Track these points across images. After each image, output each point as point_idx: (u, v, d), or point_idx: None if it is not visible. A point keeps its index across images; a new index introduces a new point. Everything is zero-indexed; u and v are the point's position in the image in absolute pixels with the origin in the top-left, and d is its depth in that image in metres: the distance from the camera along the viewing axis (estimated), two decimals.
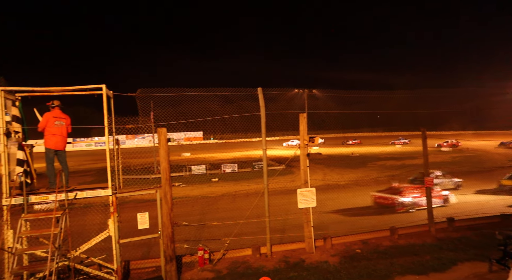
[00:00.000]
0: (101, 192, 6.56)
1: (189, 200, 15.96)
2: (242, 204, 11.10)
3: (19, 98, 6.80)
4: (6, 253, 5.86)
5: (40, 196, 6.33)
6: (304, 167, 8.29)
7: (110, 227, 6.56)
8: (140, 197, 13.89)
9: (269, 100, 8.85)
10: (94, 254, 7.11)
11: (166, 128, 7.09)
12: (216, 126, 11.22)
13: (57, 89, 6.63)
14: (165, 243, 6.91)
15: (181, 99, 8.88)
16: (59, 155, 6.77)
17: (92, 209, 9.37)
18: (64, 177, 6.53)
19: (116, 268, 6.55)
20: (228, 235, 8.16)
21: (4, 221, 6.06)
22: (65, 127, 6.79)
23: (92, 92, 6.69)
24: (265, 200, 8.21)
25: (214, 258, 7.87)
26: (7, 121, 6.37)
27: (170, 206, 6.92)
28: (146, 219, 7.16)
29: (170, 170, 7.02)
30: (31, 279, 6.43)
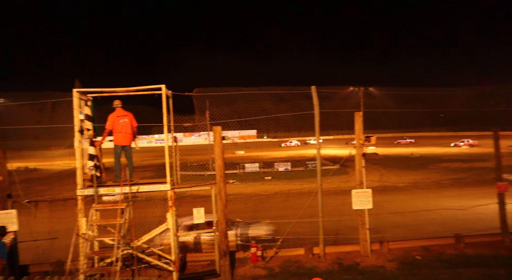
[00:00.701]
0: (161, 186, 6.94)
1: (243, 197, 16.23)
2: (295, 203, 11.03)
3: (91, 98, 7.43)
4: (81, 239, 6.45)
5: (108, 188, 6.88)
6: (360, 167, 8.01)
7: (168, 220, 6.91)
8: (196, 192, 14.41)
9: (323, 99, 8.69)
10: (154, 244, 7.54)
11: (221, 127, 7.27)
12: (270, 125, 11.27)
13: (122, 89, 7.14)
14: (219, 238, 7.11)
15: (236, 98, 9.06)
16: (126, 151, 7.27)
17: (152, 202, 9.95)
18: (129, 171, 7.00)
19: (174, 259, 6.88)
20: (281, 233, 8.17)
21: (79, 209, 6.69)
22: (129, 124, 7.27)
23: (153, 92, 7.10)
24: (319, 200, 8.08)
25: (266, 256, 7.93)
26: (80, 120, 7.01)
27: (224, 202, 7.10)
28: (201, 214, 7.43)
29: (224, 167, 7.20)
30: (100, 263, 7.01)
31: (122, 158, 7.27)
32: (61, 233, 8.35)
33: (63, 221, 9.00)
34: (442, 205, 11.94)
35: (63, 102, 8.35)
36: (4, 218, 7.06)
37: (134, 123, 7.38)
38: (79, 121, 6.97)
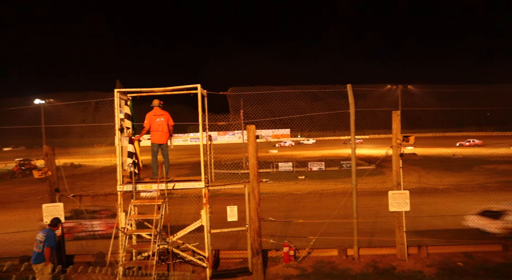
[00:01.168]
0: (195, 184, 7.09)
1: (276, 196, 16.23)
2: (329, 203, 10.86)
3: (130, 98, 7.73)
4: (120, 232, 6.75)
5: (145, 184, 7.14)
6: (397, 167, 7.74)
7: (202, 217, 7.05)
8: (229, 190, 14.59)
9: (359, 97, 8.49)
10: (189, 241, 7.73)
11: (255, 126, 7.31)
12: (304, 124, 11.14)
13: (160, 89, 7.37)
14: (252, 237, 7.15)
15: (270, 97, 9.06)
16: (162, 149, 7.51)
17: (187, 199, 10.19)
18: (165, 169, 7.22)
19: (207, 255, 7.02)
20: (314, 233, 8.08)
21: (118, 204, 7.00)
22: (165, 123, 7.49)
23: (189, 92, 7.27)
24: (353, 201, 7.91)
25: (299, 256, 7.88)
26: (121, 119, 7.32)
27: (257, 200, 7.13)
28: (235, 212, 7.51)
29: (258, 166, 7.23)
30: (138, 257, 7.30)
31: (158, 155, 7.51)
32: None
33: None
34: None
35: (105, 101, 8.77)
36: (53, 210, 7.55)
37: (170, 122, 7.59)
38: (120, 120, 7.28)
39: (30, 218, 8.68)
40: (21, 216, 9.96)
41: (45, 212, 7.55)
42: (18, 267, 7.35)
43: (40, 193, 8.43)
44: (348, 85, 8.13)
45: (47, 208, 7.59)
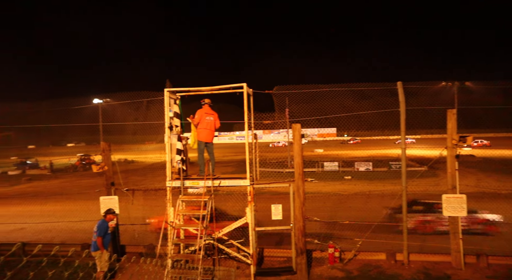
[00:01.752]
0: (241, 182, 7.19)
1: (321, 196, 15.97)
2: (376, 204, 10.49)
3: (179, 97, 8.02)
4: (169, 226, 7.05)
5: (193, 181, 7.37)
6: (452, 170, 7.25)
7: (247, 214, 7.13)
8: (274, 189, 14.60)
9: (410, 95, 8.07)
10: (234, 237, 7.87)
11: (300, 124, 7.25)
12: (351, 123, 10.86)
13: (207, 89, 7.56)
14: (297, 236, 7.10)
15: (316, 95, 8.93)
16: (208, 147, 7.70)
17: (232, 197, 10.36)
18: (211, 166, 7.41)
19: (252, 252, 7.09)
20: (360, 235, 7.84)
21: (167, 199, 7.31)
22: (213, 122, 7.67)
23: (235, 91, 7.37)
24: (403, 203, 7.55)
25: (344, 258, 7.70)
26: (170, 117, 7.62)
27: (302, 200, 7.07)
28: (279, 211, 7.51)
29: (303, 165, 7.16)
30: (185, 250, 7.57)
31: (205, 153, 7.72)
32: None
33: (154, 208, 9.94)
34: None
35: (156, 100, 9.19)
36: (108, 202, 8.07)
37: (217, 123, 7.76)
38: (169, 119, 7.58)
39: (90, 209, 9.35)
40: (82, 206, 10.77)
41: (102, 204, 8.09)
42: (80, 253, 7.98)
43: (98, 186, 9.06)
44: (399, 83, 7.77)
45: (103, 200, 8.13)
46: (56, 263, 6.89)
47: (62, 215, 11.34)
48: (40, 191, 21.21)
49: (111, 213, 7.21)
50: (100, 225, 6.89)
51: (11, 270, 2.23)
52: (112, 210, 7.27)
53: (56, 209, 12.19)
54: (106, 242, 6.90)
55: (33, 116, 13.00)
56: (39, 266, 4.18)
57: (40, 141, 42.41)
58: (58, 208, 12.21)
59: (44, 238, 10.16)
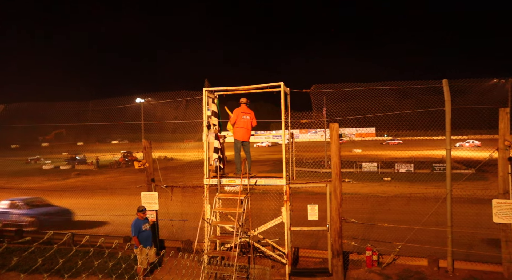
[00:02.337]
0: (277, 181, 7.18)
1: (359, 197, 15.59)
2: (418, 208, 10.04)
3: (217, 96, 8.16)
4: (206, 223, 7.20)
5: (229, 179, 7.47)
6: (504, 173, 6.77)
7: (283, 214, 7.12)
8: (310, 189, 14.43)
9: (457, 93, 7.64)
10: (269, 236, 7.88)
11: (338, 124, 7.11)
12: (391, 123, 10.48)
13: (244, 88, 7.62)
14: (333, 237, 6.99)
15: (354, 94, 8.72)
16: (245, 145, 7.77)
17: (268, 196, 10.38)
18: (248, 165, 7.46)
19: (287, 252, 7.07)
20: (400, 239, 7.55)
21: (204, 197, 7.47)
22: (250, 121, 7.73)
23: (272, 90, 7.37)
24: (447, 207, 7.17)
25: (382, 261, 7.46)
26: (208, 116, 7.78)
27: (339, 201, 6.94)
28: (315, 211, 7.42)
29: (340, 165, 7.02)
30: (221, 247, 7.69)
31: (241, 152, 7.80)
32: (190, 216, 9.48)
33: (192, 205, 10.18)
34: None
35: (194, 100, 9.42)
36: (149, 198, 8.40)
37: (254, 122, 7.80)
38: (207, 117, 7.74)
39: (132, 204, 9.76)
40: (125, 201, 11.28)
41: (143, 199, 8.43)
42: (123, 245, 8.37)
43: (139, 182, 9.45)
44: (444, 81, 7.39)
45: (144, 196, 8.47)
46: (101, 254, 7.28)
47: (106, 208, 11.96)
48: (87, 185, 22.53)
49: (140, 210, 7.34)
50: (133, 225, 7.10)
51: (62, 258, 2.43)
52: (141, 208, 7.42)
53: (101, 203, 12.87)
54: (143, 239, 7.06)
55: (82, 115, 13.83)
56: (86, 256, 4.49)
57: (88, 138, 44.88)
58: (103, 202, 12.88)
59: (90, 230, 10.77)
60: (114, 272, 6.69)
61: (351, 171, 25.42)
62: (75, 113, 14.10)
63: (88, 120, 13.54)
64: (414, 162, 25.84)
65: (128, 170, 31.10)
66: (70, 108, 13.86)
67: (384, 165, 26.41)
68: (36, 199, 12.84)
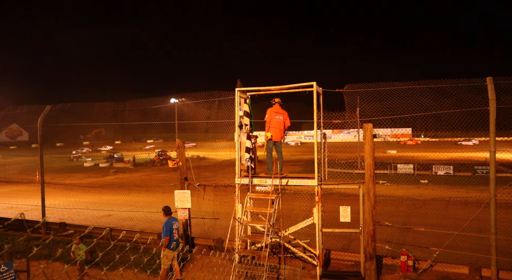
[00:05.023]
0: (308, 181, 7.11)
1: (393, 199, 15.08)
2: (458, 212, 9.56)
3: (249, 96, 8.20)
4: (237, 222, 7.27)
5: (260, 179, 7.49)
6: None
7: (314, 215, 7.04)
8: (342, 190, 14.17)
9: (502, 92, 7.20)
10: (300, 237, 7.82)
11: (372, 124, 6.94)
12: (429, 123, 10.06)
13: (276, 88, 7.61)
14: (366, 240, 6.82)
15: (389, 94, 8.45)
16: (277, 145, 7.76)
17: (299, 196, 10.31)
18: (279, 165, 7.45)
19: (318, 254, 6.98)
20: (437, 245, 7.23)
21: (236, 196, 7.54)
22: (283, 122, 7.71)
23: (304, 89, 7.31)
24: (491, 213, 6.77)
25: (418, 267, 7.18)
26: (240, 116, 7.84)
27: (372, 203, 6.76)
28: (348, 213, 7.27)
29: (374, 166, 6.84)
30: (252, 247, 7.73)
31: (273, 152, 7.79)
32: (221, 215, 9.61)
33: (223, 204, 10.32)
34: None
35: (227, 100, 9.53)
36: (182, 196, 8.59)
37: (287, 122, 7.78)
38: (239, 117, 7.80)
39: (166, 201, 10.01)
40: (159, 198, 11.62)
41: (176, 197, 8.64)
42: (157, 241, 8.62)
43: (173, 180, 9.69)
44: (488, 79, 6.99)
45: (178, 194, 8.68)
46: (137, 249, 7.57)
47: (142, 205, 12.39)
48: (124, 182, 23.44)
49: (163, 210, 7.29)
50: (164, 224, 7.03)
51: (102, 251, 2.54)
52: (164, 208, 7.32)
53: (137, 200, 13.35)
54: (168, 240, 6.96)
55: (119, 115, 14.41)
56: (123, 250, 4.67)
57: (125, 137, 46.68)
58: (139, 199, 13.36)
59: (127, 225, 11.21)
60: (148, 267, 6.91)
61: (386, 172, 24.68)
62: (113, 113, 14.73)
63: (125, 120, 14.08)
64: (453, 164, 24.65)
65: (162, 168, 32.02)
66: (109, 108, 14.49)
67: (420, 167, 25.41)
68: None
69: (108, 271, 6.92)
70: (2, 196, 15.05)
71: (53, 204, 11.57)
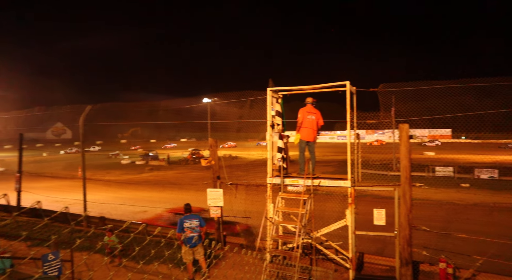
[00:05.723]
0: (341, 182, 6.98)
1: (431, 203, 14.47)
2: (504, 219, 9.03)
3: (281, 96, 8.18)
4: (268, 222, 7.27)
5: (292, 179, 7.45)
6: None
7: (347, 217, 6.89)
8: (377, 192, 13.79)
9: None
10: (332, 238, 7.69)
11: (408, 125, 6.70)
12: (470, 124, 9.57)
13: (309, 87, 7.54)
14: (401, 245, 6.58)
15: (427, 93, 8.14)
16: (309, 146, 7.68)
17: (331, 197, 10.15)
18: (311, 165, 7.36)
19: (351, 256, 6.84)
20: (481, 253, 6.84)
21: (267, 196, 7.54)
22: (316, 121, 7.61)
23: (337, 89, 7.18)
24: None
25: (459, 276, 6.82)
26: (272, 115, 7.84)
27: (408, 206, 6.52)
28: (382, 216, 7.06)
29: (410, 168, 6.59)
30: (283, 247, 7.71)
31: (305, 152, 7.71)
32: (253, 214, 9.65)
33: (255, 203, 10.36)
34: None
35: (259, 100, 9.56)
36: (215, 194, 8.72)
37: (320, 121, 7.67)
38: (271, 117, 7.79)
39: (199, 199, 10.24)
40: (192, 196, 11.88)
41: (209, 195, 8.78)
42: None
43: (206, 178, 9.86)
44: None
45: (210, 192, 8.82)
46: (171, 245, 7.75)
47: (175, 202, 12.70)
48: (159, 180, 24.16)
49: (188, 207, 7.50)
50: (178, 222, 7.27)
51: (138, 246, 2.65)
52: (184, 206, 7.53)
53: (171, 197, 13.73)
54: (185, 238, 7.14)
55: (154, 114, 14.89)
56: (158, 246, 4.82)
57: (160, 136, 48.16)
58: (172, 196, 13.73)
59: (161, 221, 11.52)
60: (182, 263, 7.08)
61: (423, 175, 23.67)
62: (149, 113, 15.26)
63: (160, 119, 14.53)
64: (499, 168, 23.23)
65: (195, 167, 32.67)
66: (144, 108, 15.01)
67: (461, 170, 24.15)
68: None
69: (144, 265, 7.17)
70: (49, 190, 16.01)
71: (93, 198, 12.14)
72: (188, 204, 7.55)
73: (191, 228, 7.15)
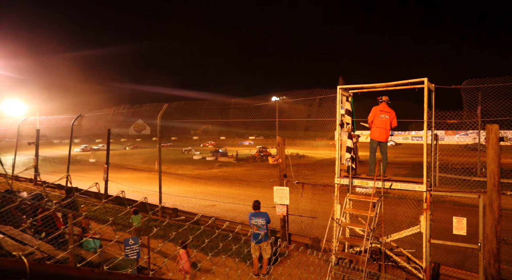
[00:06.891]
0: (415, 186, 6.52)
1: None
2: None
3: (351, 94, 7.92)
4: (335, 223, 7.12)
5: (361, 180, 7.17)
6: None
7: (421, 223, 6.43)
8: (457, 199, 12.62)
9: None
10: (403, 245, 7.24)
11: (498, 125, 6.00)
12: None
13: (381, 85, 7.17)
14: (486, 259, 5.94)
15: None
16: (381, 146, 7.32)
17: (404, 201, 9.54)
18: (382, 166, 7.01)
19: (425, 266, 6.37)
20: None
21: (335, 196, 7.38)
22: (389, 121, 7.22)
23: (413, 86, 6.72)
24: None
25: None
26: (341, 114, 7.63)
27: (496, 216, 5.85)
28: (463, 225, 6.44)
29: (500, 174, 5.91)
30: (350, 250, 7.48)
31: (377, 152, 7.37)
32: (319, 214, 9.51)
33: (321, 203, 10.19)
34: None
35: (328, 98, 9.37)
36: (281, 192, 8.78)
37: (394, 122, 7.26)
38: (340, 116, 7.59)
39: (265, 197, 10.40)
40: (259, 193, 12.10)
41: (275, 193, 8.87)
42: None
43: (272, 176, 9.98)
44: None
45: (277, 190, 8.90)
46: (238, 239, 8.03)
47: (243, 198, 13.05)
48: (227, 176, 25.05)
49: (257, 204, 7.58)
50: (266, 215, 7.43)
51: (208, 238, 2.80)
52: (253, 202, 7.63)
53: (238, 192, 14.12)
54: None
55: (225, 112, 15.48)
56: (226, 239, 5.03)
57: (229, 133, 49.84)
58: (240, 192, 14.10)
59: (228, 216, 11.96)
60: (248, 258, 7.28)
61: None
62: (219, 111, 15.90)
63: (230, 116, 15.03)
64: None
65: (262, 164, 33.18)
66: (215, 106, 15.67)
67: None
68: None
69: (212, 257, 7.52)
70: (130, 180, 17.60)
71: (167, 190, 13.05)
72: (257, 201, 7.67)
73: (257, 225, 7.31)
